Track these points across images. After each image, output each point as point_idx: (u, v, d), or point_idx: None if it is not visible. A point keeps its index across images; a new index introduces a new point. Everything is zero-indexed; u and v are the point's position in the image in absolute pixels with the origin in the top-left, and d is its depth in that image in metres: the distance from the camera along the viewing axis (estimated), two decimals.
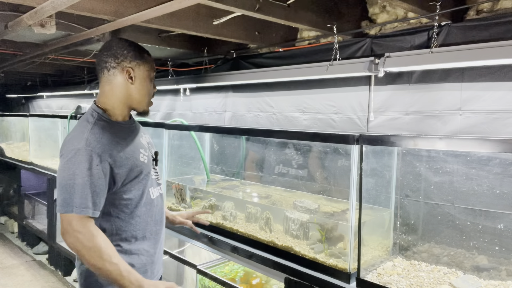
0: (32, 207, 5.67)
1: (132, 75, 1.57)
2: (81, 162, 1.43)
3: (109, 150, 1.49)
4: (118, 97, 1.59)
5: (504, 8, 2.04)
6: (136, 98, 1.61)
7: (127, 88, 1.58)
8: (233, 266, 2.76)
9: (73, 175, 1.43)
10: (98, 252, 1.40)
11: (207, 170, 3.26)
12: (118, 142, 1.55)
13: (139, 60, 1.58)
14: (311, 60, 2.75)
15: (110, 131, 1.55)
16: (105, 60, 1.56)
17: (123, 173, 1.53)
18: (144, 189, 1.63)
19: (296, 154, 2.89)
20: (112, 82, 1.57)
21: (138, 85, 1.59)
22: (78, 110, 4.03)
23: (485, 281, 1.79)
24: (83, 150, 1.44)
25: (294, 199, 2.52)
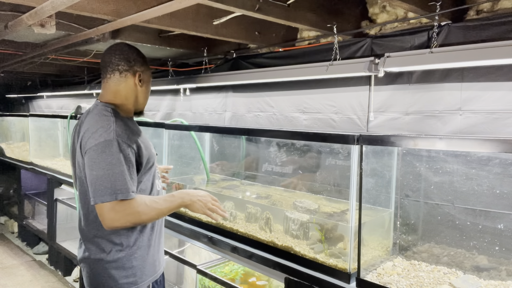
0: (32, 207, 5.67)
1: (141, 78, 1.71)
2: (115, 152, 1.51)
3: (134, 139, 1.60)
4: (126, 98, 1.70)
5: (504, 8, 2.04)
6: (140, 100, 1.75)
7: (135, 90, 1.71)
8: (233, 266, 2.76)
9: (111, 165, 1.49)
10: (147, 207, 1.54)
11: (207, 170, 3.26)
12: (137, 133, 1.67)
13: (146, 66, 1.75)
14: (311, 60, 2.75)
15: (128, 124, 1.66)
16: (117, 62, 1.66)
17: (143, 162, 1.63)
18: (153, 180, 1.74)
19: (296, 155, 2.89)
20: (123, 83, 1.68)
21: (144, 88, 1.75)
22: (78, 110, 4.03)
23: (485, 281, 1.79)
24: (114, 141, 1.52)
25: (294, 199, 2.52)
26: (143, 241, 1.67)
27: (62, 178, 4.40)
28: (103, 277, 1.62)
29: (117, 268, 1.61)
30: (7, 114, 6.91)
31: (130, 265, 1.63)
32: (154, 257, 1.73)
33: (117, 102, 1.68)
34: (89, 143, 1.53)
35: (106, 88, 1.69)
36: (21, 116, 5.99)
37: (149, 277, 1.69)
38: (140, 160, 1.61)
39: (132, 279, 1.63)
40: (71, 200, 4.29)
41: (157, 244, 1.77)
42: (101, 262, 1.62)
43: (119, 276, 1.61)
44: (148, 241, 1.69)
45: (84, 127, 1.60)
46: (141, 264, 1.66)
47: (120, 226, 1.52)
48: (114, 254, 1.62)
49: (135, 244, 1.64)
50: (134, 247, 1.64)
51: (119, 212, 1.48)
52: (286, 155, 2.97)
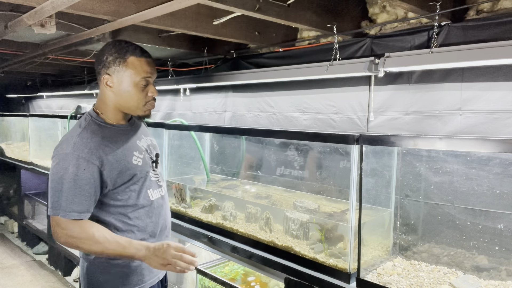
0: (32, 207, 5.67)
1: (109, 82, 1.56)
2: (68, 166, 1.46)
3: (97, 154, 1.50)
4: (105, 102, 1.62)
5: (504, 8, 2.04)
6: (122, 104, 1.60)
7: (110, 93, 1.59)
8: (233, 266, 2.76)
9: (61, 179, 1.46)
10: (93, 239, 1.46)
11: (207, 170, 3.26)
12: (107, 145, 1.54)
13: (118, 64, 1.54)
14: (311, 60, 2.75)
15: (100, 134, 1.55)
16: (96, 65, 1.59)
17: (113, 175, 1.54)
18: (140, 191, 1.63)
19: (296, 154, 2.89)
20: (101, 87, 1.61)
21: (122, 91, 1.57)
22: (78, 110, 4.03)
23: (485, 281, 1.79)
24: (70, 155, 1.47)
25: (294, 199, 2.52)
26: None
27: None
28: (92, 278, 1.62)
29: (101, 272, 1.61)
30: (7, 114, 6.91)
31: (114, 270, 1.60)
32: (142, 265, 1.64)
33: (101, 107, 1.62)
34: (53, 153, 1.53)
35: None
36: (21, 116, 5.99)
37: (136, 285, 1.63)
38: (106, 173, 1.51)
39: (115, 283, 1.61)
40: None
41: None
42: (90, 263, 1.62)
43: (103, 279, 1.60)
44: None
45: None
46: (124, 272, 1.61)
47: (63, 244, 1.48)
48: (96, 258, 1.60)
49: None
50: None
51: (63, 230, 1.46)
52: (286, 155, 2.97)
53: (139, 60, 1.56)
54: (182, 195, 2.96)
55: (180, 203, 2.94)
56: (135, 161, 1.61)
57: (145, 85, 1.59)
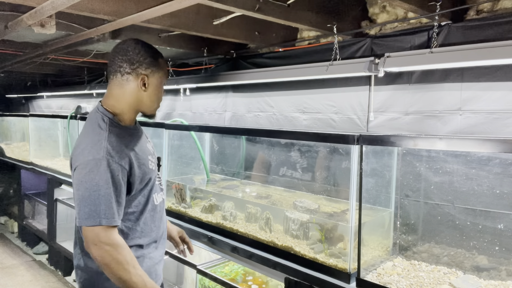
0: (32, 207, 5.67)
1: (146, 82, 1.54)
2: (104, 172, 1.39)
3: (126, 159, 1.47)
4: (128, 102, 1.55)
5: (504, 8, 2.04)
6: (146, 104, 1.58)
7: (139, 94, 1.55)
8: (233, 266, 2.76)
9: (97, 186, 1.38)
10: (125, 265, 1.38)
11: (207, 170, 3.26)
12: (132, 149, 1.52)
13: (154, 67, 1.55)
14: (311, 60, 2.75)
15: (124, 138, 1.52)
16: (119, 64, 1.51)
17: (136, 181, 1.51)
18: (149, 196, 1.61)
19: (296, 154, 2.89)
20: (124, 87, 1.53)
21: (151, 92, 1.57)
22: (78, 110, 4.03)
23: (485, 281, 1.79)
24: (104, 160, 1.40)
25: (294, 199, 2.52)
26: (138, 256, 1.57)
27: (62, 178, 4.41)
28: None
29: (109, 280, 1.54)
30: (7, 114, 6.91)
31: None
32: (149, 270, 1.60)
33: (118, 108, 1.55)
34: (78, 160, 1.43)
35: (109, 90, 1.57)
36: (21, 116, 5.98)
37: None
38: (132, 179, 1.49)
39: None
40: (71, 200, 4.29)
41: (152, 257, 1.64)
42: (97, 273, 1.52)
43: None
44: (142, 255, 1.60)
45: (78, 138, 1.53)
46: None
47: (98, 255, 1.37)
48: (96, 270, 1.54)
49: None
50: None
51: (101, 239, 1.37)
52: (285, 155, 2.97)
53: (164, 62, 1.62)
54: (182, 195, 2.96)
55: (180, 203, 2.94)
56: (150, 165, 1.60)
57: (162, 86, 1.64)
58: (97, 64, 4.60)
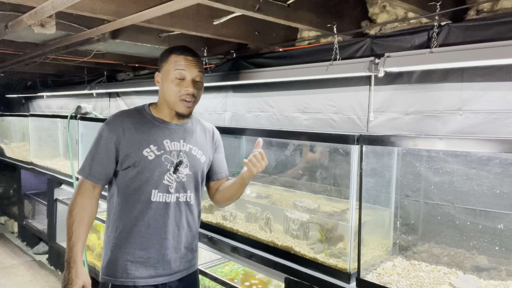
0: (32, 207, 5.67)
1: (158, 78, 1.75)
2: (96, 137, 1.69)
3: (118, 129, 1.66)
4: (158, 97, 1.77)
5: (504, 8, 2.04)
6: (166, 98, 1.71)
7: (160, 90, 1.75)
8: (233, 266, 2.76)
9: (91, 145, 1.70)
10: (69, 211, 1.65)
11: None
12: (130, 128, 1.67)
13: (163, 61, 1.73)
14: (311, 60, 2.75)
15: (134, 119, 1.71)
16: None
17: (123, 155, 1.65)
18: (141, 185, 1.66)
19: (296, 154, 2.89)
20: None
21: (164, 87, 1.71)
22: (78, 110, 4.02)
23: (485, 281, 1.80)
24: (101, 128, 1.69)
25: (294, 199, 2.53)
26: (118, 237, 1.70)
27: (62, 178, 4.40)
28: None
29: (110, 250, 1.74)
30: (7, 114, 6.91)
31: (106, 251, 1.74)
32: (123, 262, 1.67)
33: (155, 103, 1.79)
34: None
35: None
36: (21, 116, 5.98)
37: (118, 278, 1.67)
38: (120, 153, 1.66)
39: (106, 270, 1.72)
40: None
41: (129, 253, 1.68)
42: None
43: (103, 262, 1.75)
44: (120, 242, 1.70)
45: None
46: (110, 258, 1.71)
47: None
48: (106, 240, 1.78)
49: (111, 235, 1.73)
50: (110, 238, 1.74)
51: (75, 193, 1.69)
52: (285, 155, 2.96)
53: (178, 57, 1.69)
54: None
55: None
56: (146, 152, 1.66)
57: (179, 79, 1.67)
58: (97, 64, 4.59)
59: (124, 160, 1.65)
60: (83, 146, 4.10)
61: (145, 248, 1.68)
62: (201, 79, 1.73)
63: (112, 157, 1.66)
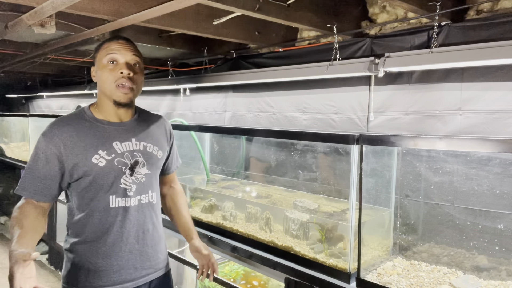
0: None
1: (93, 72, 1.62)
2: (34, 149, 1.52)
3: (58, 142, 1.49)
4: (97, 95, 1.63)
5: (504, 8, 2.04)
6: (102, 90, 1.57)
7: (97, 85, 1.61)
8: (233, 266, 2.76)
9: (29, 160, 1.53)
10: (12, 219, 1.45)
11: (207, 170, 3.26)
12: (73, 137, 1.51)
13: (95, 53, 1.60)
14: (311, 60, 2.75)
15: (74, 126, 1.54)
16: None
17: (69, 166, 1.50)
18: (96, 194, 1.53)
19: (296, 154, 2.89)
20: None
21: (98, 77, 1.58)
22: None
23: (485, 281, 1.80)
24: (38, 141, 1.52)
25: (294, 199, 2.53)
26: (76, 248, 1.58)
27: None
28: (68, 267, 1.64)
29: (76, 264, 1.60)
30: (7, 114, 6.91)
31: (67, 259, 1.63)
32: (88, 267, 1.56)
33: (95, 103, 1.64)
34: None
35: None
36: (21, 116, 5.98)
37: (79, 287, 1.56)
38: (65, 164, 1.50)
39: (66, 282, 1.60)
40: None
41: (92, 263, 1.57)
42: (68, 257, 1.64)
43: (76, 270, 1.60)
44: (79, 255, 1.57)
45: None
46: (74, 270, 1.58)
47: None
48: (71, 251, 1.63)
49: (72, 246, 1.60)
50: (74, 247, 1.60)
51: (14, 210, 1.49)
52: (285, 155, 2.97)
53: (109, 43, 1.57)
54: None
55: None
56: (95, 159, 1.51)
57: (112, 63, 1.53)
58: None
59: (73, 172, 1.50)
60: None
61: (108, 255, 1.57)
62: (138, 64, 1.58)
63: (56, 170, 1.49)
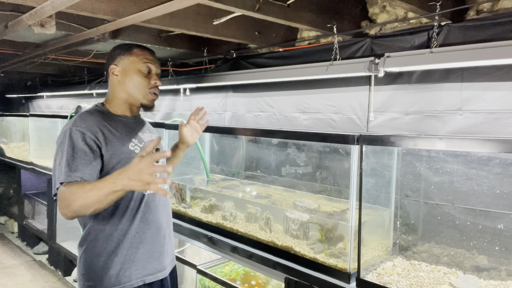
0: (32, 207, 5.67)
1: (115, 71, 1.66)
2: (66, 140, 1.48)
3: (95, 129, 1.53)
4: (112, 93, 1.69)
5: (504, 8, 2.04)
6: (128, 91, 1.66)
7: (116, 82, 1.66)
8: (233, 266, 2.76)
9: (62, 153, 1.47)
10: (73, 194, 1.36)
11: (207, 170, 3.26)
12: (105, 125, 1.57)
13: (123, 55, 1.66)
14: (311, 60, 2.75)
15: (100, 116, 1.60)
16: (106, 65, 1.72)
17: (107, 155, 1.53)
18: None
19: (296, 154, 2.89)
20: (109, 82, 1.71)
21: (126, 79, 1.65)
22: (78, 110, 4.02)
23: (485, 281, 1.80)
24: (69, 130, 1.50)
25: (294, 199, 2.53)
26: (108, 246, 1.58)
27: None
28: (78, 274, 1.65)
29: (83, 269, 1.60)
30: (7, 114, 6.91)
31: (94, 269, 1.58)
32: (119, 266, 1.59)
33: (108, 99, 1.70)
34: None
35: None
36: (21, 116, 5.98)
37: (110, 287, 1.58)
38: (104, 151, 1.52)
39: (91, 283, 1.59)
40: None
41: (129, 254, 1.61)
42: (86, 254, 1.61)
43: (84, 278, 1.60)
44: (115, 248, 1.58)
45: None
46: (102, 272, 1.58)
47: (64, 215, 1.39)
48: (84, 254, 1.61)
49: (100, 247, 1.58)
50: (99, 250, 1.58)
51: (60, 201, 1.39)
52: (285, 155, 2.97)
53: (142, 51, 1.68)
54: (182, 195, 2.96)
55: (180, 203, 2.94)
56: (132, 147, 1.61)
57: (148, 71, 1.66)
58: (97, 64, 4.59)
59: (110, 159, 1.54)
60: None
61: (150, 243, 1.64)
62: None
63: (97, 155, 1.51)
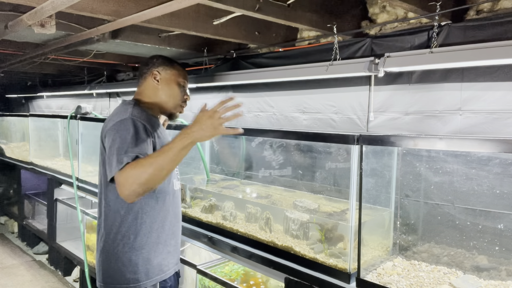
0: (32, 207, 5.67)
1: (157, 77, 1.80)
2: (128, 127, 1.56)
3: (150, 123, 1.66)
4: (148, 96, 1.81)
5: (504, 8, 2.04)
6: (164, 99, 1.81)
7: (154, 87, 1.80)
8: (233, 266, 2.76)
9: (124, 138, 1.53)
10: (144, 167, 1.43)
11: (207, 170, 3.26)
12: (153, 125, 1.71)
13: (165, 65, 1.82)
14: (311, 60, 2.75)
15: (147, 115, 1.72)
16: (141, 69, 1.85)
17: (155, 146, 1.66)
18: (170, 178, 1.78)
19: (296, 154, 2.89)
20: (144, 83, 1.83)
21: (164, 86, 1.80)
22: (78, 110, 4.02)
23: (485, 281, 1.80)
24: (129, 119, 1.59)
25: (294, 199, 2.53)
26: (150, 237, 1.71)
27: (62, 178, 4.40)
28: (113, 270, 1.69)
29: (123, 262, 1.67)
30: (7, 114, 6.91)
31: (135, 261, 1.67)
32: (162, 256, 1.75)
33: (140, 99, 1.81)
34: (108, 126, 1.63)
35: (136, 91, 1.86)
36: (21, 116, 5.98)
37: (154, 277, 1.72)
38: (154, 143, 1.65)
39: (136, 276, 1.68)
40: (71, 200, 4.29)
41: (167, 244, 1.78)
42: (114, 253, 1.69)
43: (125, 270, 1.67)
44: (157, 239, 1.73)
45: (106, 120, 1.72)
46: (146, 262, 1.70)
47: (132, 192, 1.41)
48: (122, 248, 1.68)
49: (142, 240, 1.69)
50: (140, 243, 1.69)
51: (125, 179, 1.42)
52: (286, 155, 2.96)
53: (182, 70, 1.88)
54: (182, 195, 2.96)
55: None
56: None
57: (183, 87, 1.85)
58: (97, 64, 4.60)
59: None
60: (83, 146, 4.10)
61: (176, 236, 1.85)
62: None
63: (151, 146, 1.60)
